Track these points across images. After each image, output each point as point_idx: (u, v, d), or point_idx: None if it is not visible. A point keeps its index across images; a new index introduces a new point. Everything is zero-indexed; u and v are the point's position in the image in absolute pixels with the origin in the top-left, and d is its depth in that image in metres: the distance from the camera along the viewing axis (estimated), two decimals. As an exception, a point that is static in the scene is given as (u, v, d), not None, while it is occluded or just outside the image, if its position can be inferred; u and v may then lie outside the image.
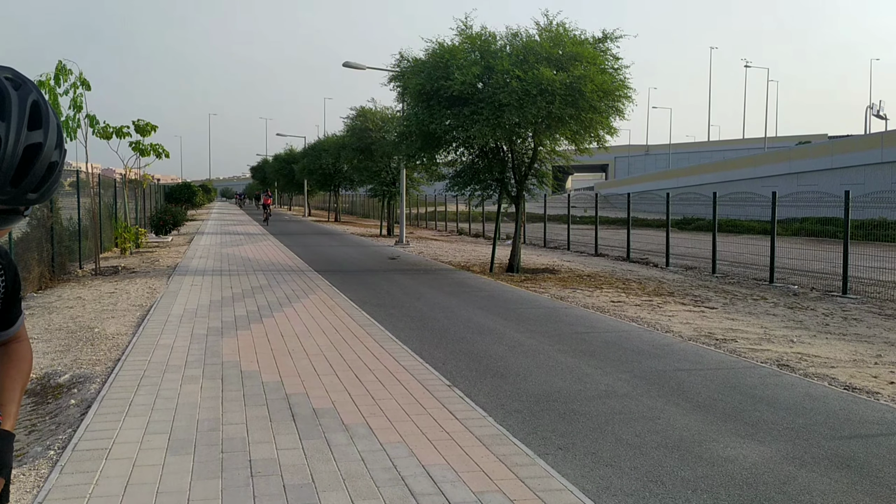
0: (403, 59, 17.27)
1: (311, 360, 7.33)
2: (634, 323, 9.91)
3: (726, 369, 7.25)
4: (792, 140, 70.89)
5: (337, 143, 36.47)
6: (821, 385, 6.72)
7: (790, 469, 4.59)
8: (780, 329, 9.63)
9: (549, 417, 5.61)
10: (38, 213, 13.49)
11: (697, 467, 4.60)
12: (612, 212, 32.86)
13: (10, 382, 1.79)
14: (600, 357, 7.72)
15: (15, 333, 1.82)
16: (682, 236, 22.24)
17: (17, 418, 1.80)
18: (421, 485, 4.21)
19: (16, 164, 1.28)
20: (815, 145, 46.90)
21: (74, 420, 5.43)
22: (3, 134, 1.26)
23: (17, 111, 1.28)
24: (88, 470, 4.35)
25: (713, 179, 47.35)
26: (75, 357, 7.49)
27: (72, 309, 10.49)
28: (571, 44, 14.54)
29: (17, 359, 1.82)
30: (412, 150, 17.14)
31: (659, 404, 6.00)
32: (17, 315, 1.79)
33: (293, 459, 4.57)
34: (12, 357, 1.81)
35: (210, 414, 5.49)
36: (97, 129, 15.37)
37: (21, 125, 1.28)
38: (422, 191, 34.07)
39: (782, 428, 5.41)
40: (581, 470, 4.54)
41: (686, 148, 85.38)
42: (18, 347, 1.83)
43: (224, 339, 8.34)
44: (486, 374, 6.95)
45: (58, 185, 1.41)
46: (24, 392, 1.85)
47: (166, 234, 26.81)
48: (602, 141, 15.76)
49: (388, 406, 5.77)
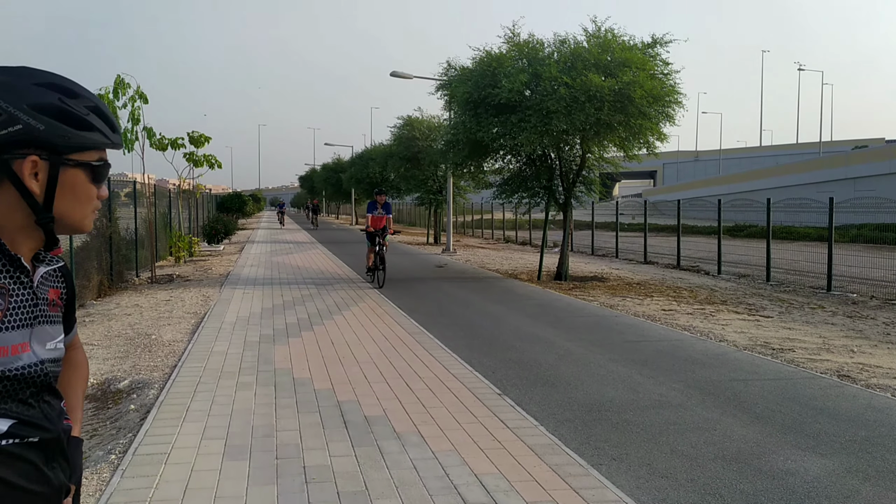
0: (451, 68, 17.35)
1: (362, 367, 7.38)
2: (687, 332, 9.74)
3: (784, 380, 7.07)
4: (848, 144, 68.95)
5: (384, 151, 36.75)
6: (884, 396, 6.51)
7: (854, 483, 4.45)
8: (839, 338, 9.35)
9: (602, 427, 5.55)
10: (98, 223, 13.90)
11: (757, 480, 4.49)
12: (660, 219, 32.38)
13: (74, 390, 1.84)
14: (652, 366, 7.61)
15: (71, 341, 1.88)
16: (735, 243, 21.79)
17: (81, 423, 1.85)
18: (474, 494, 4.20)
19: None
20: (872, 149, 45.58)
21: (134, 425, 5.56)
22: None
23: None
24: (149, 474, 4.45)
25: (766, 185, 46.35)
26: (134, 363, 7.68)
27: (129, 316, 10.77)
28: (620, 49, 14.41)
29: (76, 365, 1.88)
30: (459, 158, 17.19)
31: (715, 415, 5.88)
32: (73, 323, 1.85)
33: (346, 466, 4.61)
34: (72, 364, 1.86)
35: (264, 420, 5.57)
36: (154, 140, 15.79)
37: None
38: (468, 199, 34.09)
39: (844, 440, 5.25)
40: (636, 481, 4.48)
41: (737, 153, 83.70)
42: (75, 355, 1.89)
43: (276, 346, 8.46)
44: (537, 382, 6.91)
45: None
46: (84, 397, 1.91)
47: (218, 243, 27.35)
48: (652, 147, 15.56)
49: (439, 414, 5.77)
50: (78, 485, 1.70)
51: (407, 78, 24.72)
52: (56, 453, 1.59)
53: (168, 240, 20.62)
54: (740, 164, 76.32)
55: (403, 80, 24.89)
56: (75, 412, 1.80)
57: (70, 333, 1.84)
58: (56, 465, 1.59)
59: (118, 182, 17.73)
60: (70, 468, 1.67)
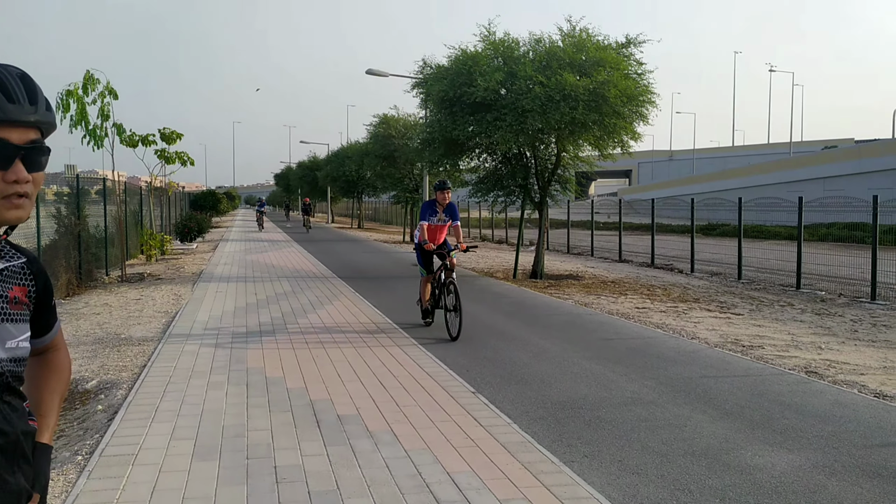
0: (426, 66, 17.31)
1: (336, 366, 7.34)
2: (660, 329, 9.82)
3: (753, 376, 7.15)
4: (818, 144, 69.98)
5: (360, 150, 36.63)
6: (850, 392, 6.61)
7: (820, 478, 4.51)
8: (807, 335, 9.48)
9: (575, 424, 5.57)
10: (66, 221, 13.69)
11: (725, 476, 4.54)
12: (635, 217, 32.63)
13: (48, 394, 1.74)
14: (625, 364, 7.66)
15: (51, 342, 1.79)
16: (707, 242, 22.00)
17: (55, 430, 1.75)
18: (446, 492, 4.19)
19: None
20: (841, 149, 46.31)
21: (102, 426, 5.48)
22: None
23: None
24: (116, 475, 4.38)
25: (738, 185, 46.90)
26: (102, 363, 7.57)
27: (98, 315, 10.62)
28: (595, 49, 14.48)
29: (54, 368, 1.77)
30: (435, 157, 17.16)
31: (685, 412, 5.93)
32: (52, 323, 1.75)
33: (318, 466, 4.58)
34: (49, 366, 1.77)
35: (235, 420, 5.52)
36: (124, 137, 15.59)
37: None
38: (444, 197, 34.05)
39: (811, 436, 5.33)
40: (607, 478, 4.50)
41: (710, 153, 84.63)
42: (55, 356, 1.79)
43: (249, 345, 8.38)
44: (511, 380, 6.92)
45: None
46: (62, 402, 1.80)
47: (191, 242, 27.07)
48: (626, 146, 15.67)
49: (413, 412, 5.76)
50: (43, 493, 1.61)
51: (383, 76, 24.64)
52: (15, 456, 1.52)
53: (139, 238, 20.37)
54: (713, 163, 77.18)
55: (379, 77, 24.80)
56: (47, 417, 1.71)
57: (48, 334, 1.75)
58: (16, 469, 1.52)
59: (88, 179, 17.48)
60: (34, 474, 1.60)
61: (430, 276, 9.62)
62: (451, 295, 9.08)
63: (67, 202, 14.40)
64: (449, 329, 8.98)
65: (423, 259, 9.67)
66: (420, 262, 9.75)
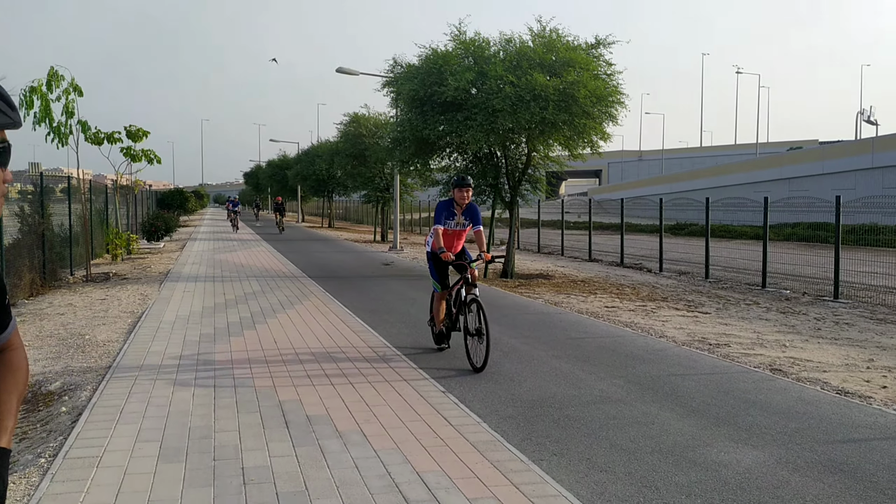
0: (397, 65, 17.27)
1: (305, 366, 7.30)
2: (629, 328, 9.92)
3: (719, 374, 7.26)
4: (784, 145, 71.20)
5: (330, 148, 36.44)
6: (813, 389, 6.73)
7: (783, 473, 4.59)
8: (772, 334, 9.64)
9: (544, 423, 5.60)
10: (30, 220, 13.43)
11: (691, 472, 4.59)
12: (605, 217, 32.91)
13: (5, 395, 1.69)
14: (595, 362, 7.72)
15: (6, 342, 1.75)
16: (676, 241, 22.27)
17: (13, 432, 1.71)
18: (415, 492, 4.19)
19: None
20: (806, 150, 47.14)
21: (65, 428, 5.39)
22: None
23: None
24: (79, 478, 4.31)
25: (706, 185, 47.49)
26: (66, 364, 7.44)
27: (63, 316, 10.43)
28: (564, 49, 14.57)
29: (11, 369, 1.73)
30: (406, 156, 17.13)
31: (653, 409, 5.99)
32: (7, 322, 1.72)
33: (286, 467, 4.54)
34: (7, 367, 1.72)
35: (202, 421, 5.46)
36: (89, 134, 15.34)
37: None
38: (416, 196, 34.05)
39: (775, 432, 5.42)
40: (576, 476, 4.53)
41: (679, 153, 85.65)
42: (12, 356, 1.74)
43: (217, 345, 8.30)
44: (481, 379, 6.93)
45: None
46: (20, 404, 1.75)
47: (158, 241, 26.73)
48: (595, 146, 15.78)
49: (383, 412, 5.74)
50: (2, 499, 1.57)
51: (353, 74, 24.53)
52: None
53: (105, 237, 20.06)
54: (682, 163, 78.11)
55: (350, 76, 24.68)
56: (5, 420, 1.66)
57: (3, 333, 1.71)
58: None
59: (52, 177, 17.17)
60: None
61: (445, 292, 8.01)
62: (474, 315, 7.43)
63: (31, 201, 14.12)
64: (471, 357, 7.40)
65: (436, 271, 8.00)
66: (433, 275, 8.07)
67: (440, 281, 7.98)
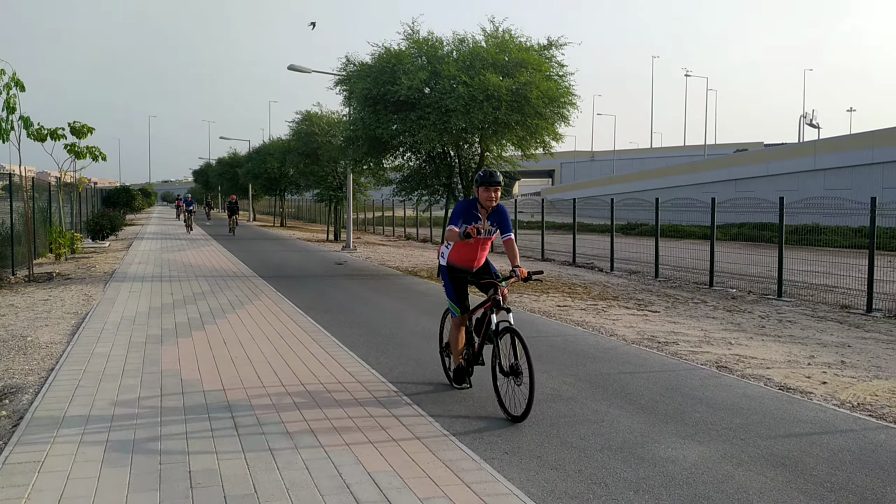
0: (350, 63, 17.19)
1: (255, 367, 7.20)
2: (580, 327, 10.03)
3: (668, 371, 7.39)
4: (730, 147, 72.98)
5: (283, 147, 36.06)
6: (757, 386, 6.91)
7: (728, 468, 4.70)
8: (719, 331, 9.87)
9: (496, 422, 5.63)
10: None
11: (640, 468, 4.67)
12: (558, 217, 33.24)
13: None
14: (546, 361, 7.79)
15: None
16: (627, 241, 22.61)
17: None
18: (367, 492, 4.17)
19: None
20: (752, 153, 48.36)
21: (5, 432, 5.22)
22: None
23: None
24: (20, 484, 4.18)
25: (656, 185, 48.36)
26: (7, 367, 7.21)
27: (3, 317, 10.10)
28: (517, 50, 14.69)
29: None
30: (359, 155, 17.06)
31: (603, 407, 6.07)
32: None
33: (235, 470, 4.48)
34: None
35: (148, 422, 5.33)
36: (31, 130, 14.90)
37: None
38: (369, 196, 33.90)
39: (720, 428, 5.54)
40: (527, 474, 4.56)
41: (630, 154, 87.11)
42: None
43: (164, 347, 8.14)
44: (434, 380, 6.94)
45: None
46: None
47: (103, 240, 26.09)
48: (548, 146, 15.95)
49: (334, 413, 5.70)
50: None
51: (305, 72, 24.29)
52: None
53: (48, 236, 19.48)
54: (632, 164, 79.43)
55: (302, 74, 24.44)
56: None
57: None
58: None
59: (-8, 174, 16.60)
60: None
61: (465, 317, 6.35)
62: (511, 348, 5.78)
63: (-31, 198, 13.64)
64: (504, 403, 5.77)
65: (453, 289, 6.36)
66: (449, 295, 6.39)
67: (458, 302, 6.33)
